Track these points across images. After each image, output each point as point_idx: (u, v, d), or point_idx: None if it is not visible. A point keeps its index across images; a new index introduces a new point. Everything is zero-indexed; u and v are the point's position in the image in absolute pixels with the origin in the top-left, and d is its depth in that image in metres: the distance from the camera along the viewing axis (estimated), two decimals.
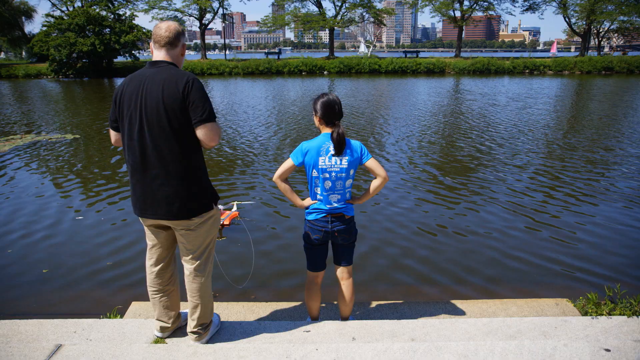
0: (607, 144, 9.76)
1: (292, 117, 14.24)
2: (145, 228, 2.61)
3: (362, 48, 48.55)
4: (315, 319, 3.05)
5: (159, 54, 2.42)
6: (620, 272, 4.26)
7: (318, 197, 2.76)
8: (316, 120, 2.73)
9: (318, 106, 2.67)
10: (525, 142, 10.09)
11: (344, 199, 2.76)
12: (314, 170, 2.69)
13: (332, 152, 2.65)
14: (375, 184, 2.74)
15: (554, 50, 49.51)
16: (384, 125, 12.41)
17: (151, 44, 2.46)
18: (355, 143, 2.72)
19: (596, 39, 45.80)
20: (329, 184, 2.69)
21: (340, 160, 2.66)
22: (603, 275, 4.20)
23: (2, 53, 54.86)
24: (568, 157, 8.63)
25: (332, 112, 2.65)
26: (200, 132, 2.36)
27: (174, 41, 2.42)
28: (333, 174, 2.67)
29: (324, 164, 2.66)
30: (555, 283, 4.10)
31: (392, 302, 3.62)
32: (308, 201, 2.82)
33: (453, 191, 6.68)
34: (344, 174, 2.69)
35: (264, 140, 10.65)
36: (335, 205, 2.74)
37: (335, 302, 3.47)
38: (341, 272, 2.92)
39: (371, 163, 2.70)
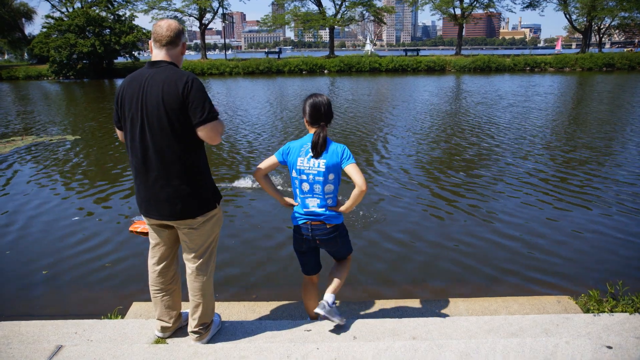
0: (599, 145, 9.74)
1: (279, 118, 14.22)
2: (149, 227, 2.62)
3: (368, 47, 48.47)
4: (314, 319, 3.05)
5: (159, 54, 2.41)
6: (621, 270, 4.24)
7: (297, 199, 2.71)
8: (305, 121, 2.68)
9: (306, 107, 2.63)
10: (522, 142, 10.06)
11: (323, 204, 2.65)
12: (293, 171, 2.65)
13: (312, 153, 2.58)
14: (353, 192, 2.58)
15: (558, 47, 49.02)
16: (369, 124, 12.39)
17: (150, 42, 2.44)
18: (338, 146, 2.61)
19: (597, 36, 45.65)
20: (306, 186, 2.63)
21: (318, 163, 2.57)
22: (604, 272, 4.19)
23: (6, 55, 54.93)
24: (563, 159, 8.60)
25: (317, 113, 2.60)
26: (202, 133, 2.36)
27: (175, 40, 2.41)
28: (310, 176, 2.60)
29: (302, 164, 2.61)
30: (556, 281, 4.08)
31: (393, 300, 3.62)
32: (292, 200, 2.79)
33: (448, 190, 6.66)
34: (321, 178, 2.59)
35: (249, 140, 10.64)
36: (314, 210, 2.65)
37: (337, 302, 3.47)
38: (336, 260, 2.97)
39: (350, 169, 2.56)
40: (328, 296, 2.77)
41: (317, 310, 2.69)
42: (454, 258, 4.53)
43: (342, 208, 2.70)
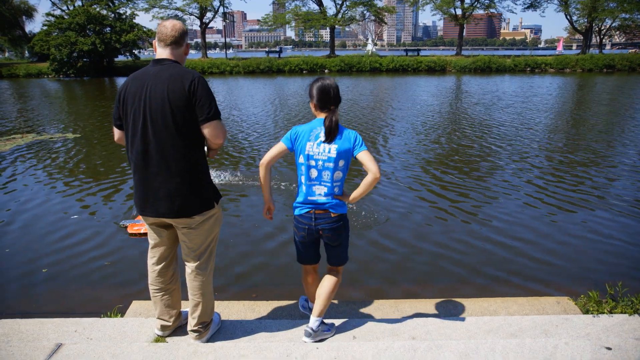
0: (596, 147, 9.74)
1: (273, 118, 14.20)
2: (148, 226, 2.61)
3: (369, 47, 48.50)
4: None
5: (163, 52, 2.42)
6: (621, 271, 4.24)
7: (302, 187, 2.58)
8: (312, 106, 2.58)
9: (313, 91, 2.54)
10: (517, 144, 10.05)
11: (330, 193, 2.55)
12: (301, 156, 2.54)
13: (322, 138, 2.49)
14: (366, 180, 2.47)
15: (560, 48, 48.90)
16: (364, 124, 12.37)
17: (154, 42, 2.46)
18: (350, 132, 2.52)
19: (598, 37, 45.64)
20: (314, 172, 2.53)
21: (329, 148, 2.48)
22: (604, 273, 4.19)
23: (6, 52, 54.92)
24: (559, 160, 8.60)
25: (327, 97, 2.51)
26: (207, 130, 2.37)
27: (180, 40, 2.43)
28: (320, 162, 2.50)
29: (311, 150, 2.50)
30: (556, 281, 4.08)
31: (392, 300, 3.61)
32: (273, 206, 2.75)
33: (438, 193, 6.66)
34: (331, 164, 2.49)
35: (242, 139, 10.64)
36: (319, 199, 2.55)
37: (335, 301, 3.47)
38: (329, 268, 2.83)
39: (363, 156, 2.47)
40: (313, 321, 2.68)
41: (304, 339, 2.66)
42: (451, 259, 4.52)
43: (351, 197, 2.59)
